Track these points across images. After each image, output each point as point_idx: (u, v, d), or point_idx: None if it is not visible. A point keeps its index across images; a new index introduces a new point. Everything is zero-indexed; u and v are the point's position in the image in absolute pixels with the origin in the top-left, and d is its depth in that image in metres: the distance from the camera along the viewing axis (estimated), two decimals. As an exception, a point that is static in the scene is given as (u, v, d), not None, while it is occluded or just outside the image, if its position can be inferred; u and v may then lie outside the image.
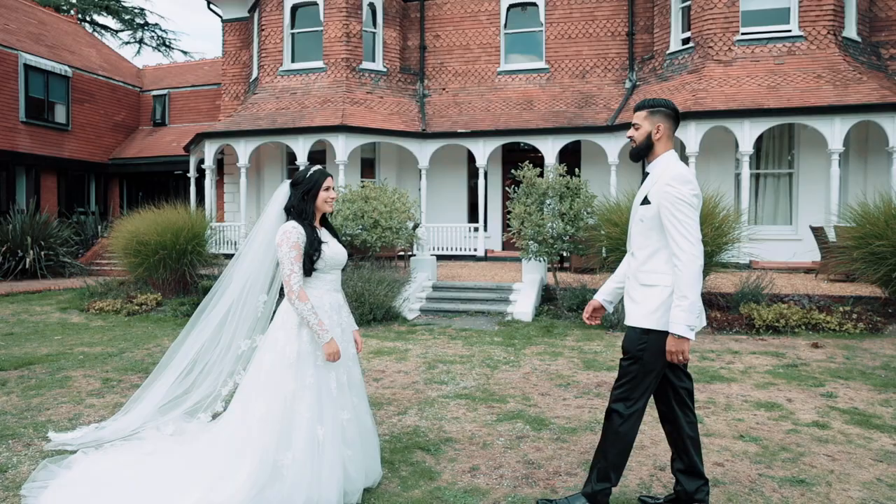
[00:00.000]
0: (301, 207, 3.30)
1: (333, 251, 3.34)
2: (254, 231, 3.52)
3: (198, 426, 3.92)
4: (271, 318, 3.48)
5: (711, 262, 9.05)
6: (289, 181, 3.42)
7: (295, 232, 3.20)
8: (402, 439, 4.34)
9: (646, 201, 3.06)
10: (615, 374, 6.39)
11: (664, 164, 3.08)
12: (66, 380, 5.98)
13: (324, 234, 3.38)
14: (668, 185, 2.95)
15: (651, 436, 4.40)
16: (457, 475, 3.75)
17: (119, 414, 4.22)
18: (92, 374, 6.26)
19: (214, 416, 3.80)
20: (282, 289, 3.44)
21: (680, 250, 2.89)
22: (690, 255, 2.88)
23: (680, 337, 2.89)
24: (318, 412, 3.15)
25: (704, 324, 3.12)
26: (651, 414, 4.83)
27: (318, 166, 3.45)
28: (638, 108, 3.16)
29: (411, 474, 3.73)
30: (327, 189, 3.35)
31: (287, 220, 3.32)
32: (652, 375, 3.05)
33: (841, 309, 8.50)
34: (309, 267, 3.24)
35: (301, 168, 3.44)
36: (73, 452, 3.90)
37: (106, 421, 4.41)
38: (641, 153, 3.17)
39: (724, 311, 9.16)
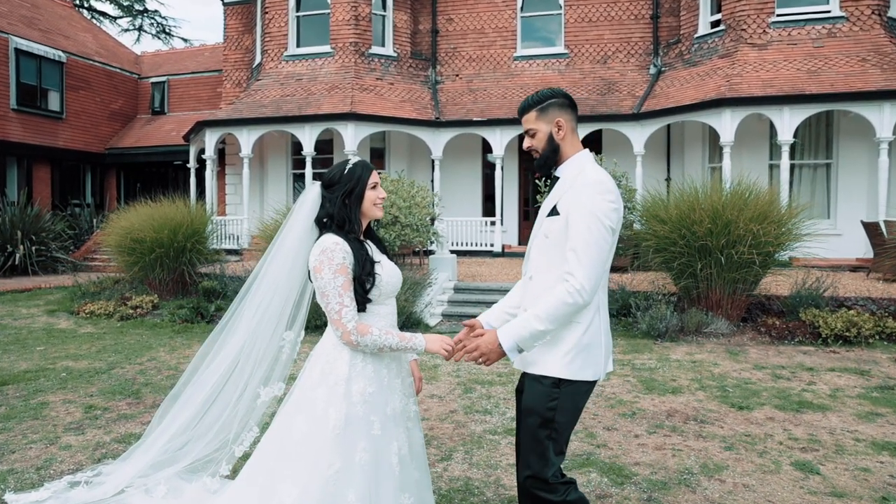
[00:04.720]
0: (343, 215, 2.34)
1: (389, 273, 2.41)
2: (271, 250, 2.55)
3: (199, 489, 3.06)
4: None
5: (770, 262, 8.17)
6: (318, 182, 2.45)
7: (339, 250, 2.27)
8: (454, 500, 3.45)
9: (554, 212, 2.38)
10: (683, 399, 5.55)
11: (577, 166, 2.40)
12: (41, 407, 5.09)
13: (373, 251, 2.43)
14: (583, 193, 2.29)
15: (760, 479, 3.51)
16: (535, 561, 2.86)
17: (114, 466, 3.35)
18: (73, 398, 5.36)
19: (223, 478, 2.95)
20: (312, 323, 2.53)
21: (572, 276, 2.23)
22: (580, 289, 2.21)
23: (501, 350, 2.29)
24: (373, 499, 2.25)
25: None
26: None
27: (357, 158, 2.48)
28: (523, 111, 2.45)
29: (476, 560, 2.85)
30: (374, 187, 2.40)
31: (321, 233, 2.38)
32: (566, 434, 2.37)
33: (918, 317, 7.60)
34: (362, 297, 2.31)
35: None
36: (35, 526, 3.05)
37: (80, 473, 3.54)
38: (549, 162, 2.44)
39: (781, 316, 8.26)
